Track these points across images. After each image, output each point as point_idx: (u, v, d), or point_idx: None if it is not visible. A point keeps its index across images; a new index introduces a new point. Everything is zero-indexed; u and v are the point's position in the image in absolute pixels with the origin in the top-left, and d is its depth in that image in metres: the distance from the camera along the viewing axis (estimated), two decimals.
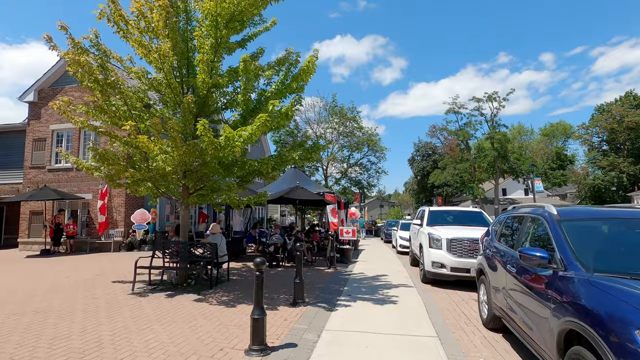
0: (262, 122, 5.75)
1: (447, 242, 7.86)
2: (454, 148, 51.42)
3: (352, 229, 12.81)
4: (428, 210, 9.98)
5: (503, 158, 42.94)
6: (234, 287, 7.55)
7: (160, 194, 7.54)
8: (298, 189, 11.41)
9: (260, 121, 5.72)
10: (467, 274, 7.55)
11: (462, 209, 10.13)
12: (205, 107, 7.42)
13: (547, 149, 64.06)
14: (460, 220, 9.49)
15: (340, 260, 12.07)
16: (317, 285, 7.89)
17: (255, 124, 5.77)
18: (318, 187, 14.31)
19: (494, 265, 4.72)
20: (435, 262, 7.96)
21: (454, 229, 8.47)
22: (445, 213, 10.03)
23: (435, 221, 9.53)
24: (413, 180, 65.62)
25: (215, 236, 7.90)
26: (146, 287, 7.21)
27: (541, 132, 74.47)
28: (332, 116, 32.12)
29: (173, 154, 6.32)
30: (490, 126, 43.61)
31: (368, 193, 45.79)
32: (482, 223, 9.34)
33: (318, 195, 11.37)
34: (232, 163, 6.89)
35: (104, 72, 6.37)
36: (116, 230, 14.68)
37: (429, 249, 8.18)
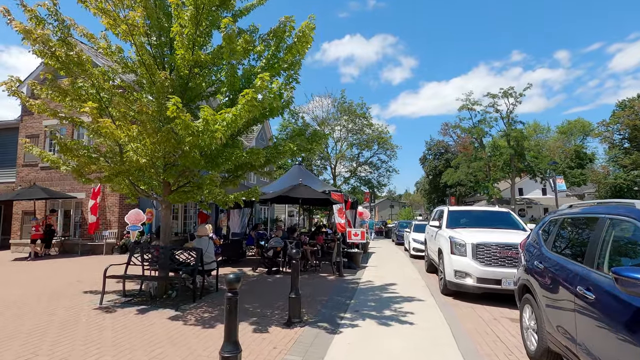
0: (247, 101, 4.66)
1: (473, 247, 6.65)
2: (467, 146, 49.71)
3: (362, 230, 11.66)
4: (447, 210, 8.76)
5: (520, 156, 41.15)
6: (222, 299, 6.48)
7: (138, 191, 6.53)
8: (301, 187, 10.31)
9: (246, 99, 4.63)
10: (497, 286, 6.34)
11: (486, 209, 8.88)
12: (188, 90, 6.38)
13: (566, 147, 61.60)
14: (485, 222, 8.25)
15: (348, 265, 10.93)
16: (318, 298, 6.77)
17: (240, 102, 4.69)
18: (324, 186, 13.19)
19: (548, 284, 3.53)
20: (458, 272, 6.75)
21: (480, 232, 7.25)
22: (467, 213, 8.79)
23: (456, 223, 8.31)
24: (425, 180, 63.91)
25: (201, 240, 6.85)
26: (118, 300, 6.19)
27: (558, 130, 71.98)
28: (340, 113, 30.92)
29: (145, 142, 5.29)
30: (506, 123, 41.82)
31: (378, 193, 44.43)
32: (511, 225, 8.08)
33: (323, 194, 10.25)
34: (217, 154, 5.82)
35: (65, 47, 5.36)
36: (109, 232, 13.82)
37: (450, 256, 6.98)
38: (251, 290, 7.42)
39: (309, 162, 31.80)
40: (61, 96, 5.66)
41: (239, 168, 6.71)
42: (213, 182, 5.62)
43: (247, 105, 4.70)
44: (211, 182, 5.63)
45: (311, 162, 32.10)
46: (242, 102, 4.66)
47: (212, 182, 5.63)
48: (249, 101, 4.64)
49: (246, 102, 4.65)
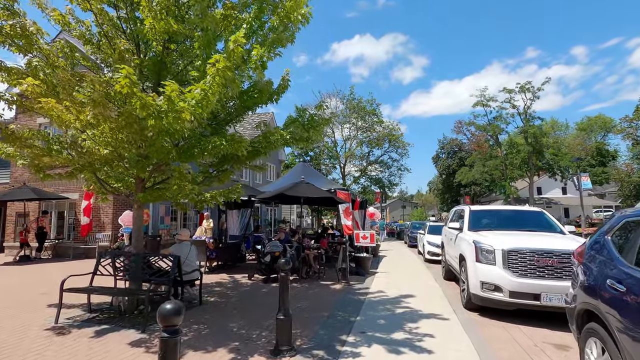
0: (218, 70, 3.66)
1: (504, 254, 5.50)
2: (481, 144, 47.95)
3: (371, 233, 10.55)
4: (469, 210, 7.60)
5: (538, 154, 39.27)
6: (204, 314, 5.51)
7: (106, 189, 5.61)
8: (302, 185, 9.29)
9: (217, 67, 3.63)
10: (535, 302, 5.18)
11: (514, 208, 7.66)
12: (164, 71, 5.43)
13: (586, 144, 59.02)
14: (513, 223, 7.07)
15: (356, 271, 9.85)
16: (318, 314, 5.73)
17: (209, 72, 3.69)
18: (331, 184, 12.15)
19: (636, 312, 2.42)
20: (485, 283, 5.62)
21: (510, 236, 6.10)
22: (492, 213, 7.62)
23: (480, 224, 7.15)
24: (437, 180, 62.18)
25: (181, 245, 5.89)
26: (80, 317, 5.27)
27: (577, 127, 69.32)
28: (349, 110, 29.84)
29: (103, 128, 4.36)
30: (523, 119, 39.97)
31: (389, 193, 43.10)
32: (546, 227, 6.88)
33: (327, 192, 9.21)
34: (194, 144, 4.83)
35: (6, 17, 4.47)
36: (103, 234, 13.06)
37: (475, 264, 5.85)
38: (240, 303, 6.43)
39: (317, 162, 30.81)
40: (11, 77, 4.76)
41: (225, 161, 5.72)
42: (182, 176, 4.62)
43: (219, 77, 3.70)
44: (180, 176, 4.64)
45: (319, 161, 31.12)
46: (212, 72, 3.66)
47: (181, 177, 4.63)
48: (220, 70, 3.64)
49: (217, 73, 3.65)
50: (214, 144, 4.54)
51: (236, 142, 4.57)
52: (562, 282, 5.15)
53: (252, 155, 5.61)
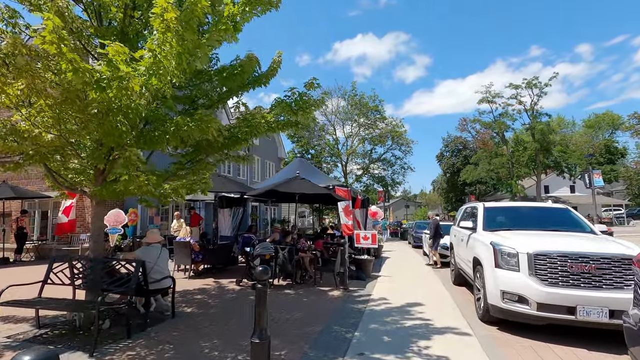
0: (170, 26, 2.81)
1: (530, 259, 4.62)
2: (487, 142, 46.92)
3: (372, 233, 9.69)
4: (483, 207, 6.71)
5: (545, 151, 38.17)
6: (173, 330, 4.67)
7: (58, 182, 4.78)
8: (296, 181, 8.44)
9: (166, 19, 2.79)
10: (570, 316, 4.31)
11: (535, 205, 6.76)
12: (126, 43, 4.59)
13: (594, 142, 57.75)
14: (535, 222, 6.18)
15: (356, 275, 8.99)
16: (309, 328, 4.88)
17: (156, 26, 2.85)
18: (329, 181, 11.29)
19: None
20: (507, 293, 4.74)
21: (536, 237, 5.22)
22: (510, 211, 6.72)
23: (497, 223, 6.26)
24: (442, 178, 61.16)
25: (149, 249, 5.05)
26: (25, 334, 4.45)
27: (584, 124, 68.05)
28: (351, 106, 28.95)
29: (39, 104, 3.53)
30: (530, 116, 38.87)
31: (393, 192, 42.13)
32: (573, 226, 5.99)
33: (324, 189, 8.35)
34: (157, 127, 3.99)
35: None
36: (87, 235, 12.26)
37: (494, 270, 4.97)
38: (221, 314, 5.58)
39: (319, 159, 29.96)
40: None
41: (200, 151, 4.88)
42: (129, 162, 3.74)
43: (172, 35, 2.86)
44: (127, 162, 3.76)
45: (321, 159, 30.27)
46: (160, 27, 2.82)
47: (128, 162, 3.76)
48: (171, 25, 2.79)
49: (167, 28, 2.80)
50: (177, 125, 3.69)
51: (204, 123, 3.71)
52: (601, 293, 4.29)
53: (232, 143, 4.76)
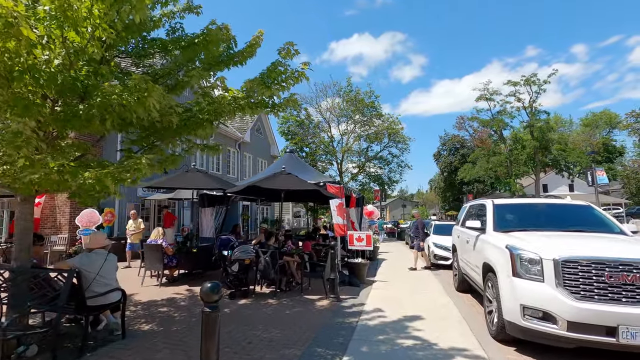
0: None
1: (557, 266, 3.77)
2: (484, 140, 46.29)
3: (367, 234, 8.84)
4: (492, 204, 5.84)
5: (544, 149, 37.53)
6: (117, 356, 3.76)
7: None
8: (281, 176, 7.55)
9: None
10: (610, 338, 3.46)
11: (553, 202, 5.89)
12: None
13: (592, 140, 57.38)
14: (553, 222, 5.33)
15: (349, 280, 8.11)
16: (287, 351, 4.00)
17: None
18: (320, 177, 10.41)
19: None
20: (529, 308, 3.88)
21: (561, 239, 4.38)
22: (524, 209, 5.85)
23: (509, 223, 5.40)
24: (439, 177, 60.46)
25: (90, 256, 4.13)
26: None
27: (582, 123, 67.79)
28: (346, 103, 28.05)
29: None
30: (528, 113, 38.18)
31: (389, 191, 41.29)
32: (600, 226, 5.14)
33: (312, 185, 7.45)
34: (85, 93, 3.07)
35: None
36: (59, 237, 11.32)
37: (512, 280, 4.10)
38: (186, 331, 4.69)
39: (313, 157, 29.05)
40: None
41: (151, 135, 3.97)
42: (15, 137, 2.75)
43: None
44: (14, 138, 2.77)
45: (315, 157, 29.36)
46: None
47: (15, 139, 2.77)
48: None
49: None
50: (104, 95, 2.78)
51: (140, 92, 2.79)
52: None
53: (193, 125, 3.85)
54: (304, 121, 29.63)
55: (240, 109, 3.83)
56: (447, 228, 11.41)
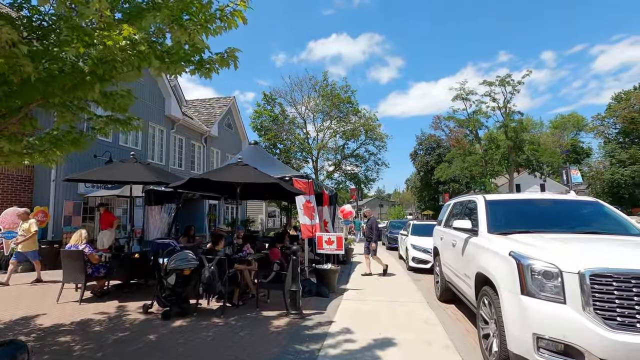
0: None
1: (583, 282, 2.77)
2: (460, 140, 46.57)
3: (338, 236, 7.72)
4: (484, 200, 4.84)
5: (518, 149, 38.00)
6: None
7: None
8: (236, 168, 6.30)
9: None
10: None
11: (554, 197, 4.94)
12: None
13: (561, 142, 59.22)
14: (559, 221, 4.39)
15: (317, 290, 6.97)
16: None
17: None
18: (287, 171, 9.19)
19: None
20: (545, 340, 2.85)
21: (581, 243, 3.39)
22: (522, 206, 4.86)
23: (506, 223, 4.40)
24: (415, 177, 60.56)
25: None
26: None
27: (551, 125, 70.05)
28: (322, 97, 26.96)
29: None
30: (503, 113, 38.52)
31: (366, 190, 40.60)
32: (615, 226, 4.23)
33: (272, 179, 6.23)
34: None
35: None
36: None
37: (519, 299, 3.07)
38: None
39: (288, 154, 27.78)
40: None
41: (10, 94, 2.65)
42: None
43: None
44: None
45: (290, 154, 28.09)
46: None
47: None
48: None
49: None
50: None
51: None
52: None
53: (65, 81, 2.55)
54: (278, 116, 28.30)
55: (142, 59, 2.60)
56: (427, 228, 10.50)
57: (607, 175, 52.78)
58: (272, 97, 28.01)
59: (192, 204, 15.98)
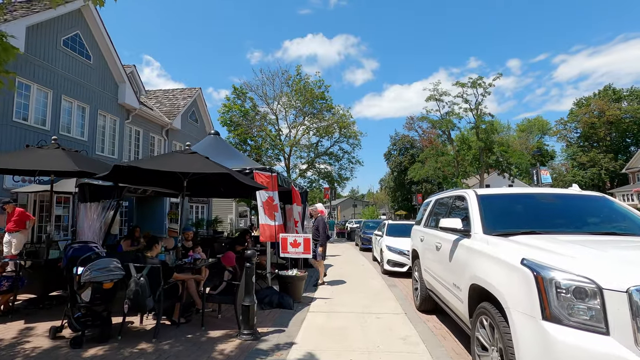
0: None
1: (635, 303, 1.94)
2: (433, 140, 47.00)
3: (305, 237, 6.76)
4: (475, 196, 4.02)
5: (488, 150, 38.72)
6: None
7: None
8: (182, 156, 5.19)
9: None
10: None
11: (557, 192, 4.15)
12: None
13: (528, 144, 61.40)
14: (567, 220, 3.64)
15: (279, 300, 5.97)
16: None
17: None
18: (249, 163, 8.11)
19: None
20: None
21: (610, 247, 2.59)
22: (520, 202, 4.04)
23: (505, 222, 3.59)
24: (389, 177, 60.69)
25: None
26: None
27: (518, 128, 72.64)
28: (295, 93, 25.89)
29: None
30: (475, 115, 39.08)
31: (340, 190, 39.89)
32: (631, 224, 3.52)
33: (223, 169, 5.15)
34: None
35: None
36: None
37: (540, 326, 2.21)
38: None
39: (259, 151, 26.50)
40: None
41: None
42: None
43: None
44: None
45: (261, 151, 26.83)
46: None
47: None
48: None
49: None
50: None
51: None
52: None
53: None
54: (249, 111, 26.96)
55: None
56: (403, 229, 9.76)
57: (569, 177, 55.18)
58: (243, 91, 26.66)
59: (150, 202, 14.49)
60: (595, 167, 54.54)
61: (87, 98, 12.49)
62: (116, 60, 13.76)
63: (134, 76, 17.01)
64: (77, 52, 12.14)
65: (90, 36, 12.81)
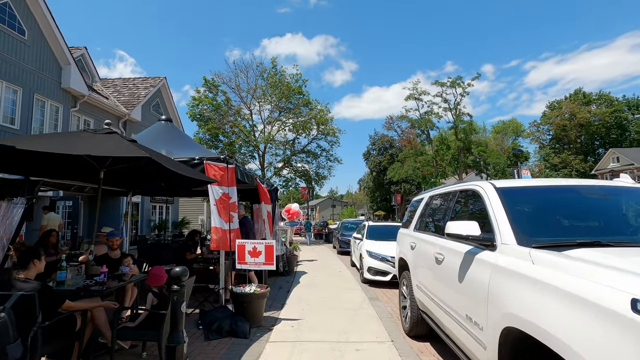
0: None
1: None
2: (412, 140, 46.64)
3: (268, 244, 5.43)
4: (493, 188, 2.86)
5: (467, 150, 38.65)
6: None
7: None
8: (93, 136, 3.76)
9: None
10: None
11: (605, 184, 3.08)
12: None
13: (503, 145, 62.43)
14: (630, 224, 2.53)
15: (231, 326, 4.63)
16: None
17: None
18: (203, 152, 6.68)
19: None
20: None
21: None
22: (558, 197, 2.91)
23: (549, 229, 2.44)
24: (368, 177, 60.04)
25: None
26: None
27: (493, 130, 73.95)
28: (270, 86, 24.42)
29: None
30: (454, 115, 38.89)
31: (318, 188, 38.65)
32: None
33: (144, 153, 3.76)
34: None
35: None
36: None
37: None
38: None
39: (232, 147, 24.84)
40: None
41: None
42: None
43: None
44: None
45: (235, 147, 25.18)
46: None
47: None
48: None
49: None
50: None
51: None
52: None
53: None
54: (222, 105, 25.24)
55: None
56: (386, 231, 8.61)
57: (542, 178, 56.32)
58: (215, 83, 24.91)
59: (104, 201, 12.72)
60: (567, 168, 55.94)
61: (19, 79, 10.64)
62: (59, 39, 11.94)
63: (85, 60, 15.11)
64: (6, 24, 10.29)
65: (25, 7, 10.96)
